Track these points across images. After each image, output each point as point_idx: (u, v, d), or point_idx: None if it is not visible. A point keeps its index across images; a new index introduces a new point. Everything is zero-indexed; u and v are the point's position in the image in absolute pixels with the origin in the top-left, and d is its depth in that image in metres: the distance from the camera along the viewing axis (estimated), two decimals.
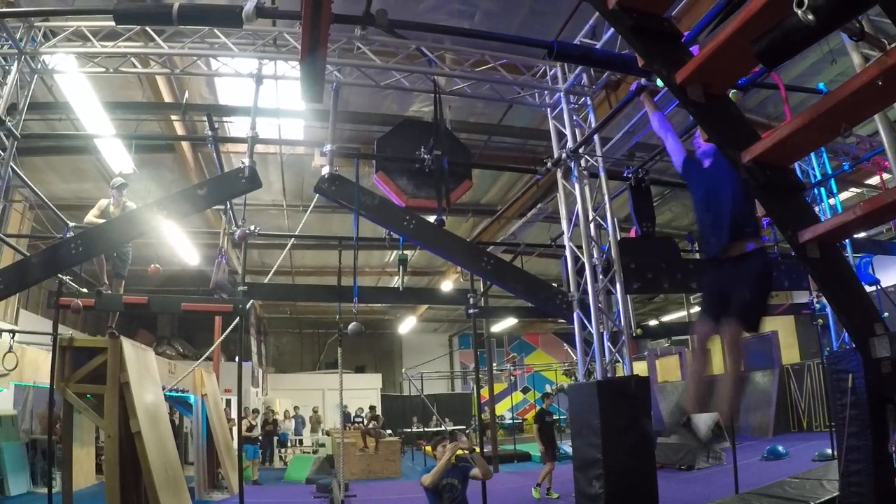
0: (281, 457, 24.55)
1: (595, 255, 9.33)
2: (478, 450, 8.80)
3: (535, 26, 10.17)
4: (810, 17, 2.33)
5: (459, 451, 7.30)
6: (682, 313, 26.99)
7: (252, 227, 10.76)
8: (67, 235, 10.18)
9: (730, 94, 3.95)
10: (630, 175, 9.96)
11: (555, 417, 15.14)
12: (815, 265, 3.12)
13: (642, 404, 8.34)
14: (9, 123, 8.10)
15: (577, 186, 9.57)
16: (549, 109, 10.25)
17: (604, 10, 3.26)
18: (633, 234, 10.41)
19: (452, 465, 7.15)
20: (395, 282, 23.78)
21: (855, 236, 11.01)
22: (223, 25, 8.00)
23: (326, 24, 4.04)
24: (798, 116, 2.93)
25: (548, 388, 26.91)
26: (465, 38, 9.57)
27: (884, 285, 11.78)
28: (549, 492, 13.91)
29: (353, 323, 9.90)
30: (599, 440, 7.95)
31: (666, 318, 29.70)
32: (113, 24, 7.99)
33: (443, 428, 25.40)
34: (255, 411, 23.91)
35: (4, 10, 8.29)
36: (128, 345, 9.48)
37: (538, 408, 16.64)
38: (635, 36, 3.22)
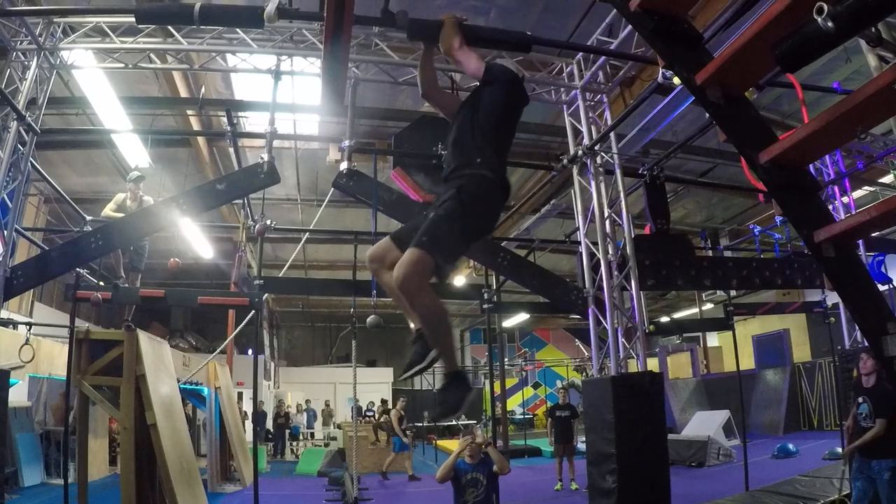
0: (292, 450, 24.64)
1: (610, 252, 9.38)
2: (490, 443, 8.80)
3: (550, 23, 10.20)
4: (830, 24, 2.37)
5: (478, 444, 7.22)
6: (694, 310, 26.99)
7: (269, 222, 10.83)
8: (85, 229, 10.29)
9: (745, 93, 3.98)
10: (645, 172, 9.97)
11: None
12: (830, 264, 3.14)
13: (656, 400, 8.39)
14: (28, 118, 8.19)
15: (592, 183, 9.62)
16: (564, 106, 10.30)
17: (626, 11, 3.30)
18: (647, 230, 10.44)
19: (481, 460, 7.11)
20: None
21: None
22: (245, 26, 8.05)
23: (349, 26, 4.09)
24: (814, 120, 2.96)
25: (559, 384, 26.98)
26: None
27: None
28: (560, 484, 13.95)
29: (372, 316, 9.95)
30: (613, 435, 8.01)
31: (678, 315, 29.68)
32: (132, 19, 8.08)
33: (454, 423, 25.44)
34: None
35: (25, 7, 8.38)
36: (144, 337, 9.53)
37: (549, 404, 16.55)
38: (656, 37, 3.27)
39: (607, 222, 9.50)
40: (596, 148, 9.65)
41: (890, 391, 6.95)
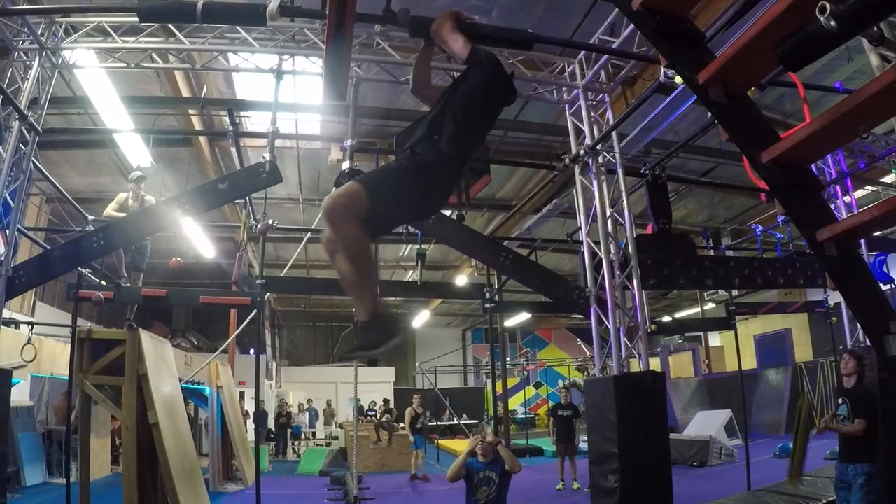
0: (294, 449, 24.64)
1: (612, 251, 9.38)
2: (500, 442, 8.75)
3: (553, 22, 10.18)
4: (832, 23, 2.37)
5: (490, 443, 7.15)
6: (696, 310, 26.95)
7: (271, 221, 10.82)
8: (87, 229, 10.30)
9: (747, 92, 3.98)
10: (647, 171, 9.95)
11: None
12: (832, 263, 3.14)
13: (658, 400, 8.39)
14: (31, 118, 8.20)
15: (594, 182, 9.61)
16: (566, 106, 10.30)
17: (628, 11, 3.30)
18: (649, 230, 10.43)
19: (493, 459, 7.05)
20: (410, 276, 23.70)
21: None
22: (247, 24, 8.06)
23: (351, 23, 4.09)
24: (817, 119, 2.96)
25: (560, 384, 26.97)
26: None
27: None
28: (562, 483, 13.95)
29: None
30: (616, 435, 8.00)
31: (679, 315, 29.64)
32: (133, 19, 8.07)
33: (456, 422, 25.45)
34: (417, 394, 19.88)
35: (27, 7, 8.39)
36: (146, 337, 9.52)
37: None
38: (659, 37, 3.27)
39: (609, 222, 9.49)
40: (598, 147, 9.64)
41: (869, 392, 6.93)
